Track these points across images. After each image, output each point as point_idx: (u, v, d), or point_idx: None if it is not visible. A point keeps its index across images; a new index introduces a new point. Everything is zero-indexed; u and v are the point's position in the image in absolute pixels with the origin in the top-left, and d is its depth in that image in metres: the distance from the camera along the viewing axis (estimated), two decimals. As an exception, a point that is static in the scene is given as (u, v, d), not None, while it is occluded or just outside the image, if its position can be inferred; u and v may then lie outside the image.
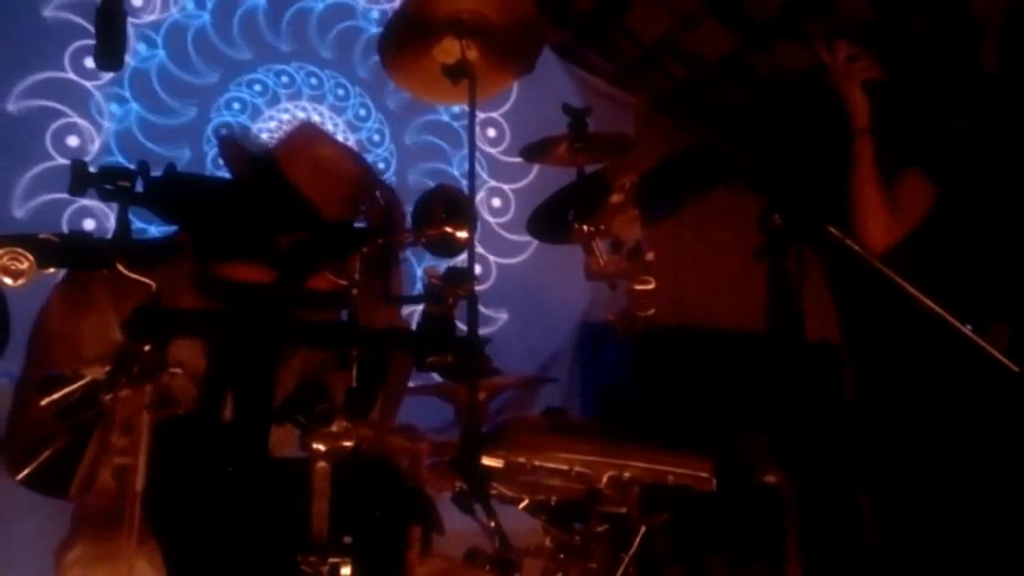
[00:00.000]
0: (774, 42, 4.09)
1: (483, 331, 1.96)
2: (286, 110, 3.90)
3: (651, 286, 2.15)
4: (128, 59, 3.27)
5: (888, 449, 2.73)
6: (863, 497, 3.26)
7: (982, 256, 2.42)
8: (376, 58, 2.63)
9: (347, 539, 1.56)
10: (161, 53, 3.69)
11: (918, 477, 2.57)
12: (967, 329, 1.85)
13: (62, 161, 3.41)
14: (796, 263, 1.83)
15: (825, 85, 2.55)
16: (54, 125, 3.44)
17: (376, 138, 4.07)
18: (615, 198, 2.20)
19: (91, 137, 3.50)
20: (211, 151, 3.61)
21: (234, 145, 2.07)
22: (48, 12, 3.50)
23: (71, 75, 3.50)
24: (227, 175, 2.07)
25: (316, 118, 3.93)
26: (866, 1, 3.75)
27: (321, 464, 1.56)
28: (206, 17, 3.79)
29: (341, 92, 4.01)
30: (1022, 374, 1.82)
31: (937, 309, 1.86)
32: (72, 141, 3.46)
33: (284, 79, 3.90)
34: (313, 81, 3.96)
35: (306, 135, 2.25)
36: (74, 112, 3.49)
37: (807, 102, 2.67)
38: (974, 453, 2.44)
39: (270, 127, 3.80)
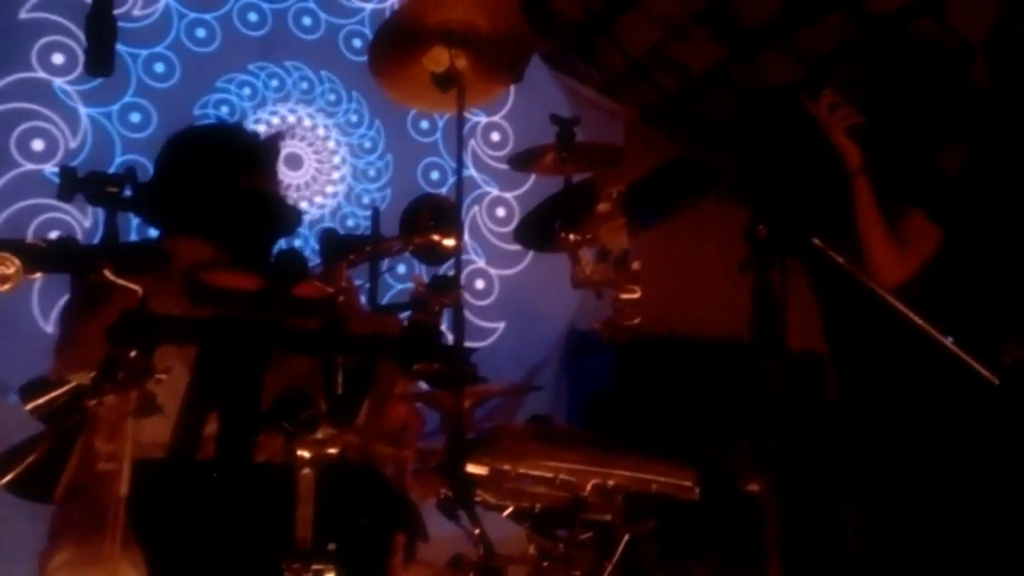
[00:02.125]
0: (761, 54, 4.11)
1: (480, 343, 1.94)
2: (275, 112, 3.89)
3: (637, 295, 2.16)
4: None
5: (872, 458, 2.75)
6: (847, 506, 3.28)
7: (994, 293, 2.44)
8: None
9: (331, 546, 1.56)
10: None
11: (901, 486, 2.58)
12: (948, 341, 1.87)
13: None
14: (781, 274, 1.85)
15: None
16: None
17: (368, 144, 4.06)
18: (602, 207, 2.22)
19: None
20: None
21: None
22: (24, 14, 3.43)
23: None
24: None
25: (307, 122, 3.92)
26: (852, 18, 3.78)
27: (306, 471, 1.56)
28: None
29: (332, 97, 4.00)
30: (1002, 385, 1.84)
31: (919, 321, 1.88)
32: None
33: (274, 82, 3.89)
34: (304, 85, 3.95)
35: None
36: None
37: (794, 113, 2.70)
38: (957, 462, 2.45)
39: (258, 130, 3.76)
